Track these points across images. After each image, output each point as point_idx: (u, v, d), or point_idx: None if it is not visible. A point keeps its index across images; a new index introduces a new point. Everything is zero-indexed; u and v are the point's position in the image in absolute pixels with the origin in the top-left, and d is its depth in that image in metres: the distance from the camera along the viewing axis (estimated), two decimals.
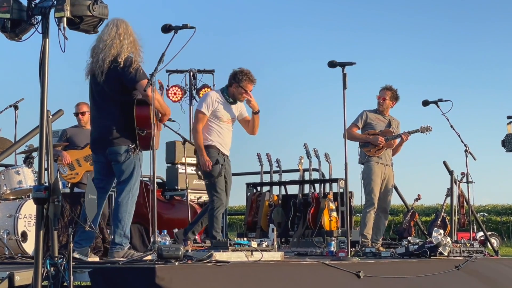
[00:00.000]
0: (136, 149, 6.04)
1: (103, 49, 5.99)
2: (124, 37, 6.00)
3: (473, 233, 10.05)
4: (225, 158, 7.41)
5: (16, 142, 7.84)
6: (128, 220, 6.12)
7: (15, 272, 4.65)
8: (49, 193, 4.29)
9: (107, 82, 5.99)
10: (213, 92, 7.64)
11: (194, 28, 6.11)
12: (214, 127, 7.37)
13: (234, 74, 7.44)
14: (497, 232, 23.36)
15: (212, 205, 7.27)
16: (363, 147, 8.74)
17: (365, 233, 8.57)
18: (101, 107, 6.11)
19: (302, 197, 10.50)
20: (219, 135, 7.38)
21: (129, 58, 5.99)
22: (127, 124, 6.02)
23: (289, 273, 5.76)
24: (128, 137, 6.04)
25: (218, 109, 7.36)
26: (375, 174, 8.65)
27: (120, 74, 5.94)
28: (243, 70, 7.44)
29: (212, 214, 7.24)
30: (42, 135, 4.36)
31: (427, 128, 8.95)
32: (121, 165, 6.07)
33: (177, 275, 4.91)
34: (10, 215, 7.23)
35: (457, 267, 7.28)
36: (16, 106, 9.23)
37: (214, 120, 7.37)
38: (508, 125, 9.27)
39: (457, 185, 10.49)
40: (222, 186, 7.28)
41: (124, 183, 6.10)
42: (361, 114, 8.86)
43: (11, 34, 4.45)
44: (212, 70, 11.64)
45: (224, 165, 7.35)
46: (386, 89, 8.88)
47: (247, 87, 7.38)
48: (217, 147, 7.34)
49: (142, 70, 5.99)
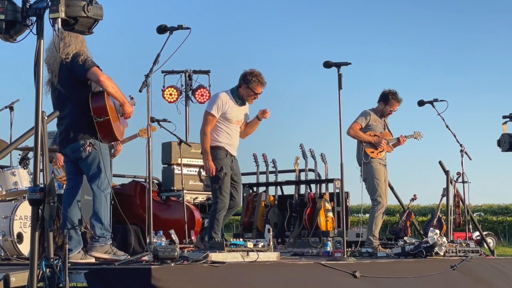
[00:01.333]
0: (94, 143, 5.99)
1: (52, 55, 5.98)
2: (70, 40, 5.95)
3: (469, 233, 10.07)
4: (233, 159, 7.38)
5: (12, 143, 7.82)
6: (105, 212, 6.07)
7: (10, 274, 4.64)
8: (44, 194, 4.28)
9: (61, 81, 6.00)
10: (223, 93, 7.43)
11: (189, 29, 6.11)
12: (223, 129, 7.29)
13: (244, 75, 7.33)
14: (493, 232, 23.43)
15: (215, 207, 7.26)
16: (366, 147, 8.73)
17: (375, 234, 8.59)
18: (61, 110, 6.08)
19: (298, 197, 10.49)
20: (227, 137, 7.32)
21: (76, 53, 5.97)
22: (86, 120, 6.00)
23: (285, 273, 5.76)
24: (87, 131, 6.02)
25: (228, 111, 7.28)
26: (380, 174, 8.67)
27: (69, 68, 5.94)
28: (253, 71, 7.35)
29: (214, 216, 7.23)
30: (37, 136, 4.35)
31: (419, 133, 9.22)
32: (86, 162, 6.04)
33: (173, 276, 4.90)
34: (6, 217, 7.23)
35: (453, 267, 7.29)
36: (11, 107, 9.23)
37: (224, 121, 7.29)
38: (503, 125, 9.27)
39: (453, 185, 10.51)
40: (227, 189, 7.24)
41: (93, 178, 6.06)
42: (365, 114, 8.82)
43: (5, 35, 4.44)
44: (207, 70, 11.64)
45: (232, 166, 7.31)
46: (398, 101, 8.89)
47: (257, 89, 7.31)
48: (225, 149, 7.30)
49: (90, 59, 5.97)
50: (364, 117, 8.78)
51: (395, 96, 8.85)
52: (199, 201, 9.91)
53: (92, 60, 5.98)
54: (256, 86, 7.29)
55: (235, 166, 7.39)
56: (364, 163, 8.71)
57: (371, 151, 8.71)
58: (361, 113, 8.84)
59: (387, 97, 8.84)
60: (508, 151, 9.35)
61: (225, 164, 7.24)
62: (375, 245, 8.46)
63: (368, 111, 8.85)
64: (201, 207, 9.82)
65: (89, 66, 5.93)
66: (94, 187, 6.04)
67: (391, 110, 8.88)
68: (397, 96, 8.86)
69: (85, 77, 5.96)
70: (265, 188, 10.87)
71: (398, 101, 8.89)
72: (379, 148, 8.72)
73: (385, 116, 8.94)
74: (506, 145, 9.28)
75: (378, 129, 8.83)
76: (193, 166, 9.78)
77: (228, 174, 7.25)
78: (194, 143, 9.89)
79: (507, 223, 26.80)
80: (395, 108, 8.90)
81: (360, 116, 8.80)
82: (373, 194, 8.66)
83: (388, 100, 8.83)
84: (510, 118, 9.35)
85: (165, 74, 11.48)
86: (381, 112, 8.90)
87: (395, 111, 8.96)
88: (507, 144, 9.27)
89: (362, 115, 8.82)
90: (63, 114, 6.04)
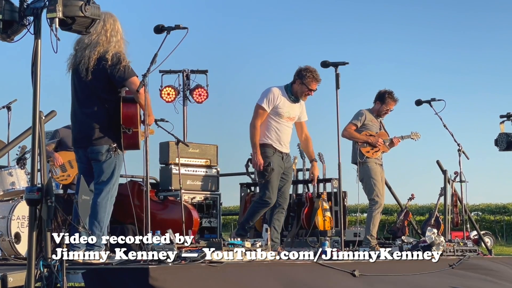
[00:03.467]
0: (117, 149, 5.86)
1: (89, 44, 5.80)
2: (112, 34, 5.82)
3: (466, 232, 10.07)
4: (284, 156, 7.30)
5: (9, 143, 7.83)
6: (107, 221, 5.96)
7: (8, 274, 4.64)
8: (42, 194, 4.27)
9: (93, 80, 5.81)
10: (275, 88, 7.33)
11: (186, 29, 6.08)
12: (273, 124, 7.22)
13: (299, 71, 7.25)
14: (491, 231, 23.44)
15: (259, 200, 7.27)
16: (362, 147, 8.74)
17: (373, 234, 8.61)
18: (83, 103, 5.90)
19: (296, 197, 10.49)
20: (277, 133, 7.26)
21: (116, 54, 5.81)
22: (110, 122, 5.85)
23: (283, 273, 5.76)
24: (111, 136, 5.86)
25: (279, 105, 7.21)
26: (377, 174, 8.69)
27: (108, 72, 5.78)
28: (308, 67, 7.29)
29: (255, 207, 7.31)
30: (34, 136, 4.34)
31: (416, 134, 9.27)
32: (102, 164, 5.89)
33: (171, 275, 4.90)
34: (3, 217, 7.22)
35: (451, 266, 7.30)
36: (9, 107, 9.22)
37: (274, 116, 7.21)
38: (501, 124, 9.27)
39: (450, 184, 10.52)
40: (274, 186, 7.20)
41: (104, 183, 5.91)
42: (360, 113, 8.84)
43: (3, 35, 4.43)
44: (205, 70, 11.62)
45: (283, 163, 7.26)
46: (394, 101, 8.92)
47: (311, 85, 7.25)
48: (273, 146, 7.24)
49: (130, 67, 5.83)
50: (359, 117, 8.80)
51: (391, 95, 8.89)
52: (197, 201, 9.91)
53: (131, 68, 5.84)
54: (311, 82, 7.23)
55: (286, 163, 7.34)
56: (360, 162, 8.72)
57: (366, 150, 8.73)
58: (356, 114, 8.87)
59: (383, 96, 8.88)
60: (505, 150, 9.34)
61: (273, 161, 7.21)
62: (372, 244, 8.48)
63: (363, 110, 8.87)
64: (199, 207, 9.82)
65: (130, 75, 5.80)
66: (102, 192, 5.90)
67: (387, 109, 8.91)
68: (393, 95, 8.91)
69: (123, 84, 5.84)
70: None
71: (394, 100, 8.93)
72: (374, 148, 8.73)
73: (382, 115, 8.96)
74: (504, 145, 9.28)
75: (374, 129, 8.85)
76: (191, 166, 9.79)
77: (276, 171, 7.21)
78: (192, 143, 9.89)
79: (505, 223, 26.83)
80: (391, 107, 8.94)
81: (354, 117, 8.84)
82: (370, 194, 8.68)
83: (385, 99, 8.86)
84: (507, 117, 9.35)
85: (163, 74, 11.45)
86: (378, 111, 8.92)
87: (391, 111, 8.99)
88: (504, 144, 9.26)
89: (357, 115, 8.85)
90: (88, 111, 5.86)
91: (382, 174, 8.87)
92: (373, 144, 8.71)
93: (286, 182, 7.37)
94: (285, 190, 7.39)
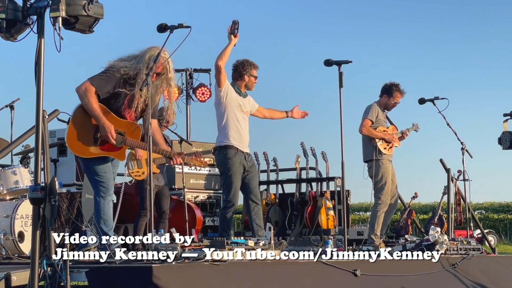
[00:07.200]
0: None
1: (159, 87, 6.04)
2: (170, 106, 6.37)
3: (470, 231, 10.06)
4: (246, 156, 7.41)
5: (12, 142, 7.83)
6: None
7: (12, 273, 4.65)
8: (45, 193, 4.28)
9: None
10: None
11: (189, 28, 6.09)
12: (234, 120, 7.36)
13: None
14: (494, 230, 23.38)
15: (222, 203, 7.46)
16: (379, 143, 8.67)
17: (377, 233, 8.58)
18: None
19: (299, 195, 10.50)
20: (239, 131, 7.39)
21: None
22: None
23: (286, 271, 5.76)
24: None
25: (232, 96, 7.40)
26: (388, 172, 8.67)
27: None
28: (244, 60, 7.50)
29: (222, 212, 7.43)
30: (38, 135, 4.35)
31: (417, 125, 9.22)
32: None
33: (174, 274, 4.91)
34: (7, 215, 7.23)
35: (454, 265, 7.29)
36: (12, 106, 9.22)
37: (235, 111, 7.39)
38: (504, 123, 9.24)
39: (453, 183, 10.49)
40: (234, 187, 7.31)
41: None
42: (373, 107, 8.76)
43: (6, 34, 4.44)
44: (208, 69, 11.64)
45: (246, 162, 7.38)
46: (401, 93, 8.87)
47: (254, 72, 7.40)
48: (235, 147, 7.34)
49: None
50: (372, 112, 8.72)
51: (398, 87, 8.81)
52: (200, 200, 9.92)
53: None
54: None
55: (249, 162, 7.43)
56: (376, 160, 8.64)
57: (384, 147, 8.68)
58: (369, 108, 8.75)
59: (390, 89, 8.81)
60: (509, 149, 9.31)
61: (235, 162, 7.29)
62: (376, 243, 8.45)
63: (374, 104, 8.81)
64: (202, 206, 9.83)
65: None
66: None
67: (395, 102, 8.85)
68: (400, 87, 8.83)
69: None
70: (266, 186, 10.87)
71: (401, 92, 8.85)
72: (389, 144, 8.71)
73: (389, 109, 8.90)
74: (507, 143, 9.25)
75: (384, 124, 8.82)
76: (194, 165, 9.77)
77: (237, 172, 7.28)
78: (195, 142, 9.89)
79: (508, 221, 26.77)
80: (398, 100, 8.86)
81: (368, 112, 8.71)
82: (378, 192, 8.65)
83: (392, 92, 8.80)
84: (510, 115, 9.33)
85: None
86: (385, 105, 8.85)
87: (399, 104, 8.92)
88: (508, 142, 9.24)
89: (370, 110, 8.74)
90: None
91: (393, 171, 8.84)
92: (390, 140, 8.69)
93: (251, 178, 7.38)
94: (253, 186, 7.41)
